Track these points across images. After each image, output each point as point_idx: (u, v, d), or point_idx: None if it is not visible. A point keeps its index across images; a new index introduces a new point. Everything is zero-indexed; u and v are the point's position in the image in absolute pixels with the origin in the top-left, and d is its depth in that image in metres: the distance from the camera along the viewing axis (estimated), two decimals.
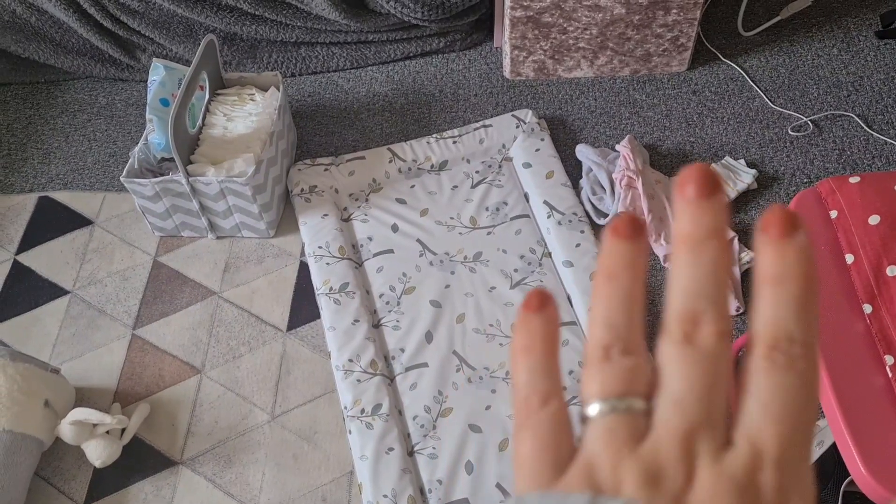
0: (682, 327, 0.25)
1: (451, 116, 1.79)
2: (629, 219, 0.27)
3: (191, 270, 1.58)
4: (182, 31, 1.82)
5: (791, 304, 0.25)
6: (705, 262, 0.26)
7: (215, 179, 1.46)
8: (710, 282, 0.26)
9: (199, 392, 1.43)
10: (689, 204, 0.26)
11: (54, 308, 1.55)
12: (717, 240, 0.26)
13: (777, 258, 0.25)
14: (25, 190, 1.74)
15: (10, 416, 1.25)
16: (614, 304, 0.27)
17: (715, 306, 0.26)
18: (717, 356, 0.25)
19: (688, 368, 0.25)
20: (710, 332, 0.25)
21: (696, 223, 0.26)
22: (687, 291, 0.26)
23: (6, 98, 1.92)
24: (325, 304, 1.46)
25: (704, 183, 0.26)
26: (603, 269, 0.27)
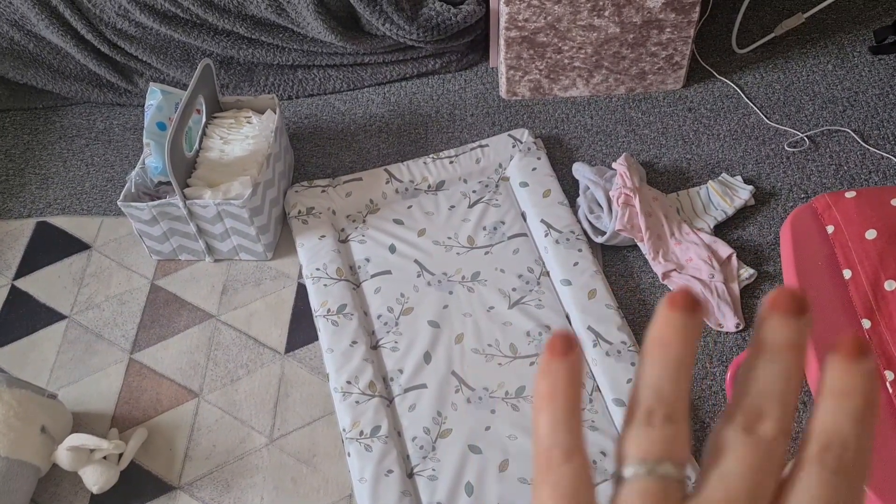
0: (746, 417, 0.27)
1: (447, 137, 1.79)
2: (687, 293, 0.28)
3: (188, 294, 1.58)
4: (179, 55, 1.83)
5: (850, 415, 0.26)
6: (777, 371, 0.27)
7: (212, 202, 1.46)
8: (783, 386, 0.27)
9: (196, 416, 1.42)
10: (776, 318, 0.27)
11: (52, 333, 1.55)
12: (796, 352, 0.27)
13: (843, 377, 0.27)
14: (23, 215, 1.74)
15: (7, 443, 1.24)
16: (663, 371, 0.27)
17: (783, 408, 0.27)
18: (774, 450, 0.26)
19: (744, 452, 0.26)
20: (772, 427, 0.26)
21: (779, 333, 0.27)
22: (760, 390, 0.27)
23: (4, 124, 1.93)
24: (323, 326, 1.46)
25: (793, 303, 0.27)
26: (655, 336, 0.28)
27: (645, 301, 1.50)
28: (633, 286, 1.53)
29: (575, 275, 1.49)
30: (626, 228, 1.53)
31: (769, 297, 0.28)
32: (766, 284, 1.51)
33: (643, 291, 1.52)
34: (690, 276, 1.50)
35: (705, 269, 1.49)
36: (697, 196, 1.62)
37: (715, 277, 1.48)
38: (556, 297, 1.49)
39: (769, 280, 1.51)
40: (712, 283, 1.48)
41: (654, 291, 1.52)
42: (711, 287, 1.47)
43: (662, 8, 1.65)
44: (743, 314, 1.46)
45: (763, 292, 1.50)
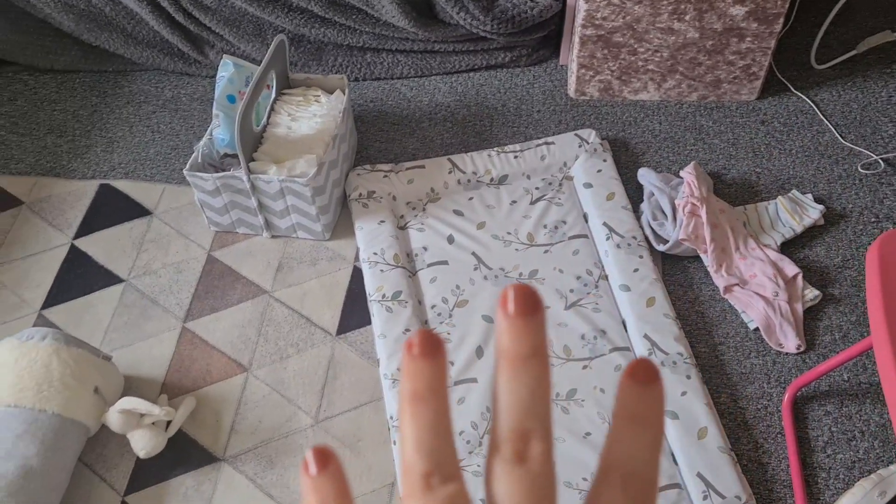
0: (511, 446, 0.26)
1: (512, 131, 1.77)
2: (426, 336, 0.27)
3: (244, 267, 1.58)
4: (251, 29, 1.83)
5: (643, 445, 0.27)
6: (529, 380, 0.27)
7: (276, 178, 1.46)
8: (535, 399, 0.27)
9: (244, 390, 1.42)
10: (511, 322, 0.27)
11: (108, 295, 1.56)
12: (538, 357, 0.27)
13: (636, 402, 0.28)
14: (87, 176, 1.76)
15: (61, 401, 1.25)
16: (426, 428, 0.27)
17: (541, 423, 0.27)
18: (545, 475, 0.26)
19: (519, 489, 0.26)
20: (539, 452, 0.26)
21: (518, 341, 0.27)
22: (514, 410, 0.27)
23: (74, 85, 1.95)
24: (377, 311, 1.45)
25: (526, 301, 0.27)
26: (407, 392, 0.27)
27: (704, 314, 1.47)
28: (692, 298, 1.50)
29: (634, 281, 1.46)
30: (690, 238, 1.49)
31: (500, 299, 0.27)
32: (830, 307, 1.46)
33: (702, 304, 1.49)
34: (753, 292, 1.46)
35: (769, 287, 1.46)
36: (765, 211, 1.58)
37: (779, 296, 1.45)
38: (613, 302, 1.46)
39: (833, 303, 1.47)
40: (776, 301, 1.44)
41: (714, 305, 1.48)
42: (775, 305, 1.44)
43: (746, 16, 1.61)
44: (805, 336, 1.42)
45: (827, 315, 1.46)
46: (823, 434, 1.32)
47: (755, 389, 1.38)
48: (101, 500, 1.31)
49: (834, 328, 1.44)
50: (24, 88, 1.95)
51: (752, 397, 1.37)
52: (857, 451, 1.30)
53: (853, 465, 1.29)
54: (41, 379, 1.25)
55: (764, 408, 1.36)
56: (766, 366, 1.40)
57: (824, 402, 1.36)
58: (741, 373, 1.40)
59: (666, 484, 1.24)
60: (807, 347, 1.41)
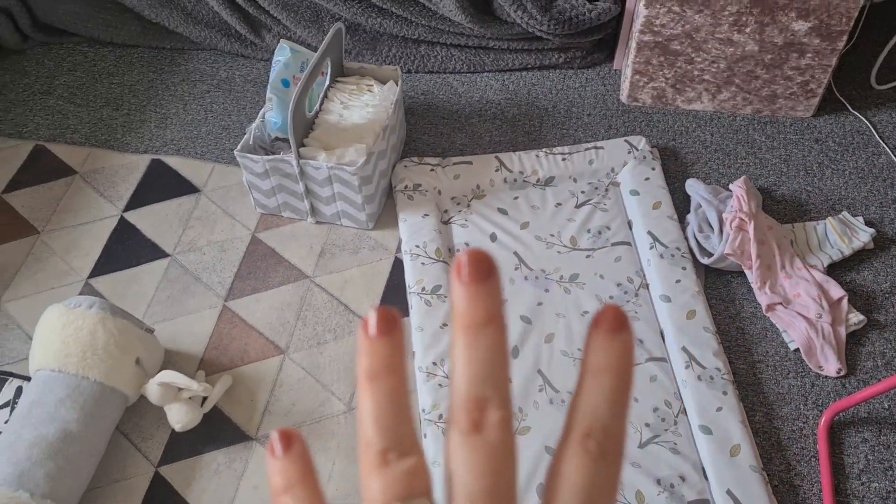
0: (468, 416, 0.26)
1: (561, 133, 1.77)
2: (382, 314, 0.27)
3: (287, 251, 1.60)
4: (309, 15, 1.85)
5: (608, 396, 0.27)
6: (485, 347, 0.27)
7: (325, 165, 1.47)
8: (492, 367, 0.27)
9: (280, 372, 1.44)
10: (466, 288, 0.27)
11: (153, 269, 1.59)
12: (494, 324, 0.27)
13: (602, 352, 0.27)
14: (140, 151, 1.79)
15: (104, 369, 1.28)
16: (382, 406, 0.27)
17: (498, 391, 0.26)
18: (504, 444, 0.26)
19: (477, 459, 0.26)
20: (496, 420, 0.26)
21: (472, 308, 0.27)
22: (470, 377, 0.26)
23: (132, 60, 1.98)
24: (416, 304, 1.46)
25: (480, 267, 0.27)
26: (364, 370, 0.27)
27: (744, 330, 1.46)
28: (733, 313, 1.48)
29: (676, 292, 1.45)
30: (736, 254, 1.48)
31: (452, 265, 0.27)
32: (874, 333, 1.44)
33: (743, 320, 1.47)
34: (796, 312, 1.44)
35: (813, 308, 1.44)
36: (814, 231, 1.56)
37: (822, 318, 1.43)
38: (652, 312, 1.45)
39: (878, 329, 1.45)
40: (819, 323, 1.42)
41: (755, 322, 1.47)
42: (818, 327, 1.42)
43: (808, 32, 1.59)
44: (846, 361, 1.40)
45: (870, 341, 1.43)
46: (859, 461, 1.30)
47: (791, 410, 1.36)
48: (136, 468, 1.34)
49: (877, 354, 1.42)
50: (84, 60, 1.99)
51: (787, 418, 1.35)
52: (893, 482, 1.28)
53: (888, 495, 1.27)
54: (86, 346, 1.28)
55: (799, 430, 1.34)
56: (804, 387, 1.38)
57: (862, 429, 1.34)
58: (778, 392, 1.38)
59: (695, 499, 1.23)
60: (847, 372, 1.39)
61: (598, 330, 0.27)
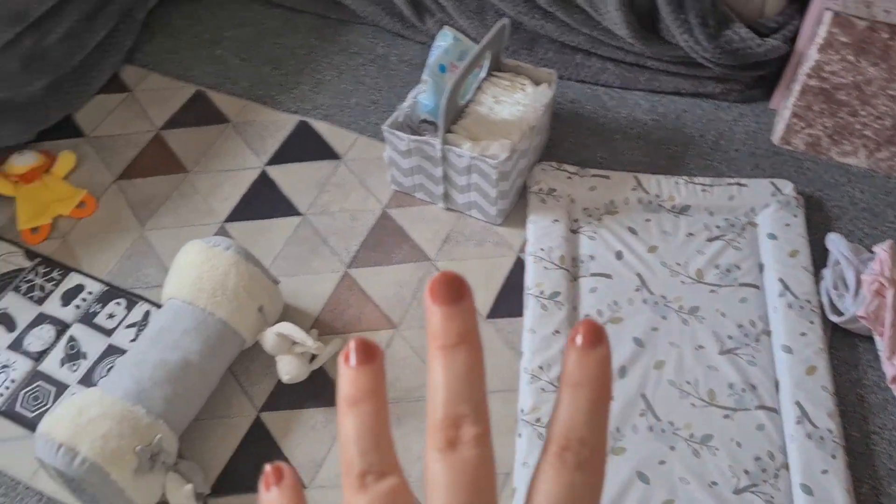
0: (444, 434, 0.27)
1: (704, 164, 1.73)
2: (361, 347, 0.28)
3: (414, 231, 1.63)
4: (474, 7, 1.87)
5: (585, 408, 0.27)
6: (459, 366, 0.28)
7: (468, 154, 1.49)
8: (467, 385, 0.28)
9: (388, 346, 1.47)
10: (440, 310, 0.28)
11: (285, 224, 1.65)
12: (468, 343, 0.28)
13: (579, 365, 0.28)
14: (290, 111, 1.86)
15: (230, 309, 1.34)
16: (362, 430, 0.27)
17: (473, 408, 0.27)
18: (480, 458, 0.27)
19: (454, 474, 0.26)
20: (472, 436, 0.27)
21: (447, 328, 0.28)
22: (445, 396, 0.27)
23: (298, 24, 2.06)
24: (532, 306, 1.46)
25: (453, 289, 0.28)
26: (344, 397, 0.28)
27: (864, 398, 1.40)
28: (855, 378, 1.42)
29: (799, 345, 1.40)
30: (869, 318, 1.42)
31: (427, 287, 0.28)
32: None
33: (864, 387, 1.41)
34: None
35: None
36: None
37: None
38: (770, 360, 1.41)
39: None
40: None
41: (877, 391, 1.40)
42: None
43: None
44: None
45: None
46: None
47: None
48: (240, 409, 1.40)
49: None
50: (253, 18, 2.08)
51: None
52: None
53: None
54: (217, 285, 1.34)
55: None
56: None
57: None
58: (890, 468, 1.32)
59: None
60: None
61: (575, 344, 0.28)
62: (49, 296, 1.54)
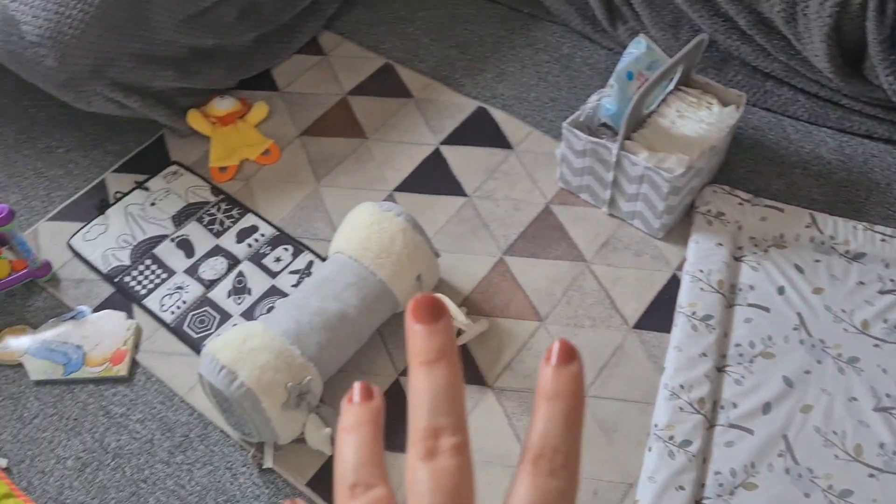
0: (425, 444, 0.28)
1: (887, 213, 1.65)
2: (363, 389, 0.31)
3: (573, 230, 1.65)
4: (669, 19, 1.86)
5: (559, 419, 0.29)
6: (438, 381, 0.29)
7: (644, 163, 1.49)
8: (446, 398, 0.29)
9: (532, 337, 1.50)
10: (420, 328, 0.30)
11: (450, 202, 1.70)
12: (446, 359, 0.30)
13: (553, 381, 0.29)
14: (471, 95, 1.91)
15: (391, 273, 1.40)
16: (352, 450, 0.30)
17: (452, 420, 0.29)
18: (458, 467, 0.28)
19: (433, 482, 0.28)
20: (450, 446, 0.28)
21: (426, 346, 0.30)
22: (425, 410, 0.29)
23: (490, 13, 2.11)
24: (682, 324, 1.45)
25: (432, 309, 0.30)
26: (343, 426, 0.31)
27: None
28: None
29: None
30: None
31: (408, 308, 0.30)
32: None
33: None
34: None
35: None
36: None
37: None
38: None
39: None
40: None
41: None
42: None
43: None
44: None
45: None
46: None
47: None
48: (382, 369, 1.46)
49: None
50: (448, 2, 2.14)
51: None
52: None
53: None
54: (383, 247, 1.41)
55: None
56: None
57: None
58: None
59: None
60: None
61: (549, 362, 0.30)
62: (226, 231, 1.66)
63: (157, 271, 1.60)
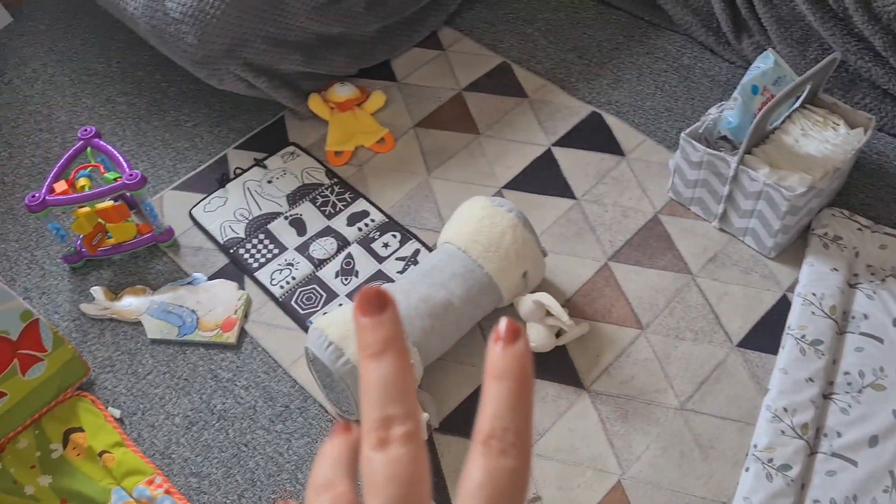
0: (376, 434, 0.29)
1: None
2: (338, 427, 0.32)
3: (680, 242, 1.63)
4: (798, 36, 1.82)
5: (507, 399, 0.29)
6: (386, 371, 0.30)
7: (763, 179, 1.47)
8: (395, 387, 0.29)
9: (632, 344, 1.49)
10: (365, 321, 0.30)
11: (558, 204, 1.71)
12: (393, 349, 0.30)
13: (500, 360, 0.30)
14: (585, 100, 1.91)
15: (497, 267, 1.42)
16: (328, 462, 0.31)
17: (401, 408, 0.29)
18: (409, 454, 0.28)
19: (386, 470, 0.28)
20: (401, 434, 0.29)
21: (372, 338, 0.30)
22: (374, 401, 0.29)
23: (610, 19, 2.10)
24: (789, 347, 1.42)
25: (373, 302, 0.30)
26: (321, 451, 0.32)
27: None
28: None
29: None
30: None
31: (354, 302, 0.31)
32: None
33: None
34: None
35: None
36: None
37: None
38: None
39: None
40: None
41: None
42: None
43: None
44: None
45: None
46: None
47: None
48: (480, 359, 1.48)
49: None
50: (569, 6, 2.15)
51: None
52: None
53: None
54: (492, 241, 1.42)
55: None
56: None
57: None
58: None
59: None
60: None
61: (495, 342, 0.30)
62: (338, 213, 1.71)
63: (269, 246, 1.66)
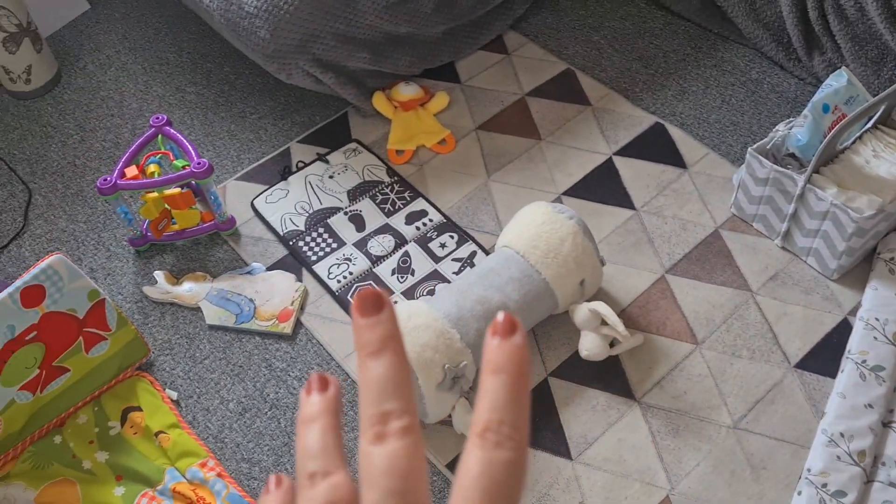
0: (374, 429, 0.29)
1: None
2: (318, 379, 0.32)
3: (741, 258, 1.61)
4: (873, 55, 1.78)
5: (504, 392, 0.29)
6: (384, 368, 0.30)
7: (831, 199, 1.44)
8: (392, 383, 0.30)
9: (686, 359, 1.47)
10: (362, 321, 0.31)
11: (617, 213, 1.70)
12: (390, 348, 0.31)
13: (497, 354, 0.30)
14: (649, 110, 1.90)
15: (555, 273, 1.42)
16: (312, 439, 0.30)
17: (398, 403, 0.29)
18: (406, 447, 0.29)
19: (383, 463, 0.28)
20: (398, 428, 0.29)
21: (369, 337, 0.31)
22: (372, 397, 0.30)
23: (678, 30, 2.08)
24: (849, 371, 1.39)
25: (369, 302, 0.31)
26: (301, 417, 0.31)
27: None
28: None
29: None
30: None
31: (353, 301, 0.31)
32: None
33: None
34: None
35: None
36: None
37: None
38: None
39: None
40: None
41: None
42: None
43: None
44: None
45: None
46: None
47: None
48: (532, 367, 1.48)
49: None
50: (636, 15, 2.13)
51: None
52: None
53: None
54: (551, 247, 1.42)
55: None
56: None
57: None
58: None
59: None
60: None
61: (493, 336, 0.31)
62: (397, 212, 1.72)
63: (328, 240, 1.69)
